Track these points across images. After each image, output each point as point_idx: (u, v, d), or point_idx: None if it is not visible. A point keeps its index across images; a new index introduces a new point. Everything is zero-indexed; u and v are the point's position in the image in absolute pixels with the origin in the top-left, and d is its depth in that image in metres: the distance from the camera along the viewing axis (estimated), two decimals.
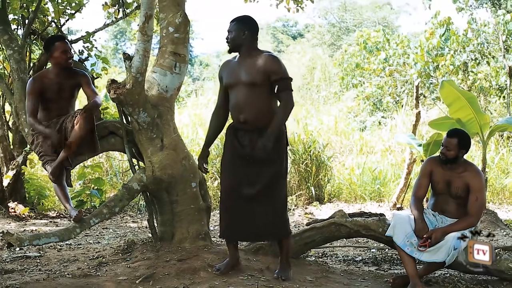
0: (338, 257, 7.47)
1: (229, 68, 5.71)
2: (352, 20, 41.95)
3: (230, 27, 5.68)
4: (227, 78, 5.68)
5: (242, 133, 5.61)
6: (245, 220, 5.62)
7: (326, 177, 13.53)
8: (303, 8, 13.38)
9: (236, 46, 5.68)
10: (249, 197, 5.58)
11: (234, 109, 5.63)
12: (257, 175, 5.58)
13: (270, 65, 5.51)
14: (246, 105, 5.54)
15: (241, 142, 5.61)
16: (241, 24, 5.66)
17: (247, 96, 5.53)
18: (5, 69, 10.31)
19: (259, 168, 5.56)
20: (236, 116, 5.62)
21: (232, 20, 5.72)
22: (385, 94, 22.41)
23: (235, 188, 5.64)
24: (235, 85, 5.59)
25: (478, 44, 19.20)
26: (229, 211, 5.69)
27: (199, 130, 16.39)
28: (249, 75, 5.52)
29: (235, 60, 5.72)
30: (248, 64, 5.56)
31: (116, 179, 13.46)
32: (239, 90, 5.56)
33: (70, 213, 6.03)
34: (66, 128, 6.05)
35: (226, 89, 5.73)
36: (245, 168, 5.60)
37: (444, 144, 5.93)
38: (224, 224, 5.77)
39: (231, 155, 5.70)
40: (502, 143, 15.78)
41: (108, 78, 6.29)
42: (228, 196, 5.70)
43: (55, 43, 6.21)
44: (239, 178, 5.62)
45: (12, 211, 10.28)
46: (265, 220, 5.61)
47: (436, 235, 5.66)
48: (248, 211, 5.60)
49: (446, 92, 9.88)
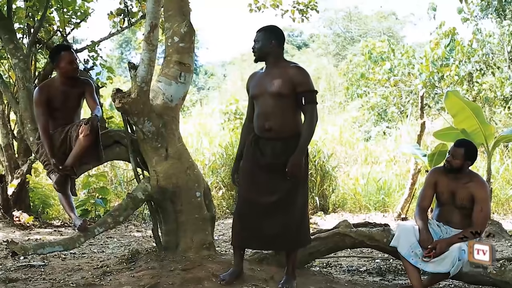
0: (343, 267, 7.46)
1: (255, 79, 5.71)
2: (357, 30, 41.97)
3: (257, 37, 5.65)
4: (253, 89, 5.67)
5: (264, 142, 5.60)
6: (260, 228, 5.60)
7: (331, 187, 13.54)
8: (308, 18, 13.44)
9: (262, 56, 5.65)
10: (267, 206, 5.57)
11: (259, 118, 5.61)
12: (276, 184, 5.57)
13: (297, 77, 5.51)
14: (271, 114, 5.53)
15: (262, 151, 5.60)
16: (268, 33, 5.64)
17: (273, 105, 5.52)
18: (11, 78, 10.33)
19: (279, 177, 5.55)
20: (260, 124, 5.59)
21: (258, 29, 5.69)
22: (390, 104, 22.42)
23: (253, 196, 5.62)
24: (261, 95, 5.58)
25: (483, 54, 19.19)
26: (245, 218, 5.67)
27: (203, 139, 16.43)
28: (275, 85, 5.50)
29: (261, 71, 5.71)
30: (275, 75, 5.55)
31: (121, 188, 13.47)
32: (265, 100, 5.54)
33: (74, 222, 6.03)
34: (71, 137, 6.06)
35: (253, 100, 5.73)
36: (265, 177, 5.60)
37: (450, 153, 5.94)
38: (237, 230, 5.74)
39: (251, 163, 5.68)
40: (507, 154, 15.77)
41: (113, 87, 6.29)
42: (245, 203, 5.68)
43: (61, 53, 6.21)
44: (258, 186, 5.61)
45: (17, 219, 10.28)
46: (282, 230, 5.60)
47: (440, 246, 5.65)
48: (264, 220, 5.58)
49: (451, 102, 9.89)
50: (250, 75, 5.87)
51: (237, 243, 5.79)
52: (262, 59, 5.68)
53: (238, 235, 5.74)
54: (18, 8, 9.61)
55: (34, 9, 9.57)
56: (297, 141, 5.51)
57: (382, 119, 22.62)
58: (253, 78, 5.76)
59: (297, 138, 5.52)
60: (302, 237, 5.77)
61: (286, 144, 5.53)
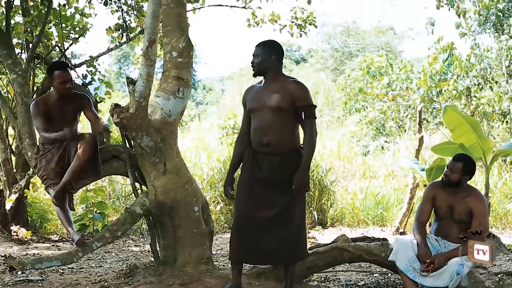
0: (341, 281, 7.45)
1: (253, 93, 5.70)
2: (355, 45, 42.09)
3: (256, 51, 5.65)
4: (250, 103, 5.67)
5: (261, 156, 5.60)
6: (258, 242, 5.60)
7: (329, 201, 13.52)
8: (307, 33, 13.49)
9: (262, 70, 5.66)
10: (265, 220, 5.58)
11: (256, 132, 5.61)
12: (274, 198, 5.59)
13: (296, 91, 5.54)
14: (270, 128, 5.53)
15: (260, 166, 5.61)
16: (268, 48, 5.64)
17: (271, 120, 5.52)
18: (9, 93, 10.35)
19: (277, 191, 5.58)
20: (258, 139, 5.59)
21: (258, 44, 5.69)
22: (388, 118, 22.44)
23: (250, 210, 5.62)
24: (259, 109, 5.58)
25: (481, 69, 19.22)
26: (242, 232, 5.66)
27: (202, 154, 16.42)
28: (275, 100, 5.51)
29: (259, 85, 5.71)
30: (274, 89, 5.56)
31: (119, 203, 13.46)
32: (264, 114, 5.55)
33: (72, 237, 6.03)
34: (69, 152, 6.07)
35: (249, 114, 5.72)
36: (262, 191, 5.61)
37: (449, 167, 5.95)
38: (235, 245, 5.73)
39: (249, 178, 5.67)
40: (505, 168, 15.78)
41: (111, 102, 6.31)
42: (243, 218, 5.67)
43: (54, 71, 6.21)
44: (256, 201, 5.62)
45: (15, 234, 10.27)
46: (280, 244, 5.61)
47: (439, 260, 5.65)
48: (262, 234, 5.58)
49: (449, 117, 9.89)
50: (247, 89, 5.87)
51: (235, 258, 5.77)
52: (261, 74, 5.68)
53: (236, 249, 5.73)
54: (17, 23, 9.64)
55: (33, 25, 9.59)
56: (295, 155, 5.56)
57: (380, 134, 22.63)
58: (250, 92, 5.76)
59: (295, 153, 5.57)
60: (300, 250, 5.79)
61: (284, 158, 5.55)
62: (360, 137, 23.15)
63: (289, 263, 5.80)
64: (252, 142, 5.69)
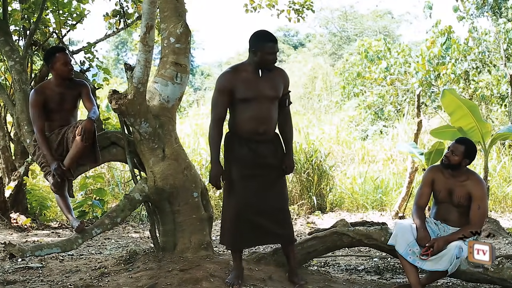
0: (341, 266, 7.47)
1: (244, 81, 5.61)
2: (353, 29, 41.93)
3: (277, 48, 5.62)
4: (245, 92, 5.58)
5: (256, 144, 5.66)
6: (261, 226, 5.71)
7: (328, 186, 13.54)
8: (304, 18, 13.46)
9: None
10: (266, 204, 5.70)
11: (252, 121, 5.61)
12: (272, 181, 5.76)
13: (286, 79, 5.82)
14: (267, 117, 5.65)
15: (259, 152, 5.67)
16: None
17: (269, 109, 5.65)
18: (7, 80, 10.32)
19: (274, 175, 5.78)
20: (253, 128, 5.61)
21: (275, 39, 5.62)
22: (387, 103, 22.42)
23: (252, 197, 5.67)
24: (255, 98, 5.58)
25: (479, 52, 19.21)
26: (244, 220, 5.66)
27: (200, 140, 16.40)
28: (274, 90, 5.67)
29: (248, 73, 5.65)
30: (271, 79, 5.65)
31: (118, 190, 13.47)
32: (261, 104, 5.60)
33: (72, 224, 6.04)
34: (67, 138, 6.06)
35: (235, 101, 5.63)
36: (262, 176, 5.70)
37: (450, 148, 5.94)
38: (235, 233, 5.72)
39: (246, 165, 5.67)
40: (504, 152, 15.80)
41: (109, 89, 6.30)
42: (245, 205, 5.66)
43: (55, 54, 6.20)
44: (256, 186, 5.68)
45: (14, 222, 10.27)
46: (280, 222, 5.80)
47: (438, 244, 5.65)
48: (264, 218, 5.69)
49: (448, 100, 9.89)
50: (230, 75, 5.69)
51: (237, 246, 5.81)
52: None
53: (237, 237, 5.73)
54: (14, 10, 9.58)
55: (30, 11, 9.55)
56: (278, 140, 5.84)
57: (378, 118, 22.62)
58: (239, 80, 5.62)
59: (278, 138, 5.84)
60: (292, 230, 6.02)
61: (273, 143, 5.78)
62: (358, 122, 23.13)
63: (290, 242, 5.93)
64: (240, 130, 5.69)
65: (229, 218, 5.77)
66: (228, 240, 5.82)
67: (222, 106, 5.66)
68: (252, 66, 5.63)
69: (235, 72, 5.69)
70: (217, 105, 5.66)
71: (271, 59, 5.59)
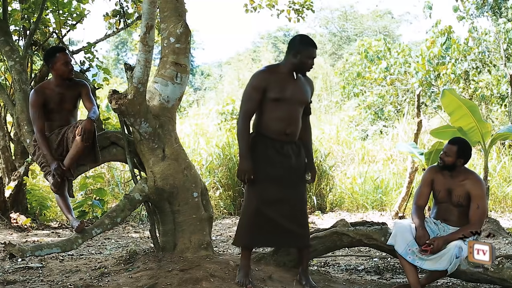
0: (340, 266, 7.47)
1: (279, 82, 5.67)
2: (353, 29, 41.96)
3: (316, 53, 5.75)
4: (282, 92, 5.63)
5: (281, 144, 5.73)
6: (281, 226, 5.72)
7: (328, 186, 13.56)
8: (304, 17, 13.46)
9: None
10: (288, 205, 5.74)
11: (281, 121, 5.68)
12: (295, 183, 5.81)
13: (313, 89, 6.04)
14: (294, 119, 5.76)
15: (284, 153, 5.73)
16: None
17: (297, 112, 5.78)
18: (7, 80, 10.32)
19: (297, 176, 5.84)
20: (282, 128, 5.68)
21: (316, 46, 5.74)
22: (387, 103, 22.43)
23: (273, 195, 5.70)
24: (288, 100, 5.66)
25: (479, 52, 19.24)
26: (264, 218, 5.67)
27: (200, 140, 16.41)
28: (306, 95, 5.84)
29: (283, 74, 5.73)
30: (304, 85, 5.83)
31: (118, 190, 13.47)
32: (292, 106, 5.71)
33: (72, 224, 6.03)
34: (67, 138, 6.06)
35: (266, 100, 5.66)
36: (285, 177, 5.74)
37: (444, 150, 5.98)
38: (252, 231, 5.74)
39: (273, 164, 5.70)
40: (504, 152, 15.80)
41: (109, 89, 6.29)
42: (265, 203, 5.68)
43: (56, 54, 6.21)
44: (279, 186, 5.71)
45: (14, 222, 10.27)
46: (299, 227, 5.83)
47: (438, 243, 5.65)
48: (284, 218, 5.72)
49: (448, 100, 9.90)
50: (267, 73, 5.75)
51: (252, 244, 5.88)
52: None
53: (253, 235, 5.76)
54: (14, 10, 9.59)
55: (30, 11, 9.55)
56: (300, 144, 5.90)
57: (378, 118, 22.62)
58: (275, 80, 5.67)
59: (299, 142, 5.89)
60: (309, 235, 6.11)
61: (296, 145, 5.85)
62: (358, 122, 23.13)
63: (306, 245, 5.97)
64: (267, 129, 5.73)
65: (248, 215, 5.78)
66: (243, 237, 5.82)
67: (254, 102, 5.69)
68: (288, 68, 5.73)
69: (271, 72, 5.76)
70: (250, 100, 5.70)
71: (310, 64, 5.70)
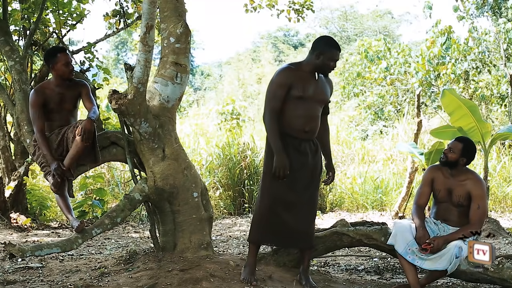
0: (340, 266, 7.46)
1: (302, 80, 5.70)
2: (353, 29, 41.96)
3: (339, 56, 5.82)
4: (304, 90, 5.66)
5: (299, 141, 5.74)
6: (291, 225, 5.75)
7: (328, 186, 13.53)
8: (304, 17, 13.46)
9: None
10: (301, 203, 5.78)
11: (302, 119, 5.70)
12: (309, 181, 5.83)
13: (332, 90, 6.10)
14: (315, 118, 5.80)
15: (302, 150, 5.75)
16: None
17: (317, 111, 5.83)
18: (7, 80, 10.32)
19: (311, 175, 5.86)
20: (302, 125, 5.70)
21: (340, 49, 5.82)
22: (387, 103, 22.44)
23: (287, 192, 5.70)
24: (311, 99, 5.71)
25: (479, 52, 19.24)
26: (276, 216, 5.70)
27: (200, 140, 16.40)
28: (327, 94, 5.89)
29: (306, 73, 5.76)
30: (324, 84, 5.88)
31: (118, 190, 13.47)
32: (313, 104, 5.75)
33: (72, 224, 6.03)
34: (67, 138, 6.06)
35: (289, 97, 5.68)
36: (300, 174, 5.74)
37: (449, 145, 5.98)
38: (263, 228, 5.78)
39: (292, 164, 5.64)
40: (504, 152, 15.80)
41: (109, 89, 6.29)
42: (278, 200, 5.70)
43: (57, 54, 6.20)
44: (293, 183, 5.70)
45: (14, 221, 10.27)
46: (308, 227, 5.91)
47: (437, 242, 5.65)
48: (296, 217, 5.75)
49: (448, 100, 9.90)
50: (292, 71, 5.77)
51: (262, 240, 5.94)
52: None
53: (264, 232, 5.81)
54: (14, 10, 9.59)
55: (30, 11, 9.56)
56: (317, 143, 5.93)
57: (378, 118, 22.63)
58: (300, 78, 5.71)
59: (315, 141, 5.92)
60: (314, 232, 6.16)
61: (314, 144, 5.87)
62: (358, 122, 23.15)
63: (311, 246, 6.02)
64: (287, 126, 5.71)
65: (259, 213, 5.83)
66: (254, 234, 5.87)
67: (280, 99, 5.68)
68: (310, 68, 5.76)
69: (295, 70, 5.79)
70: (275, 98, 5.69)
71: (332, 66, 5.73)
